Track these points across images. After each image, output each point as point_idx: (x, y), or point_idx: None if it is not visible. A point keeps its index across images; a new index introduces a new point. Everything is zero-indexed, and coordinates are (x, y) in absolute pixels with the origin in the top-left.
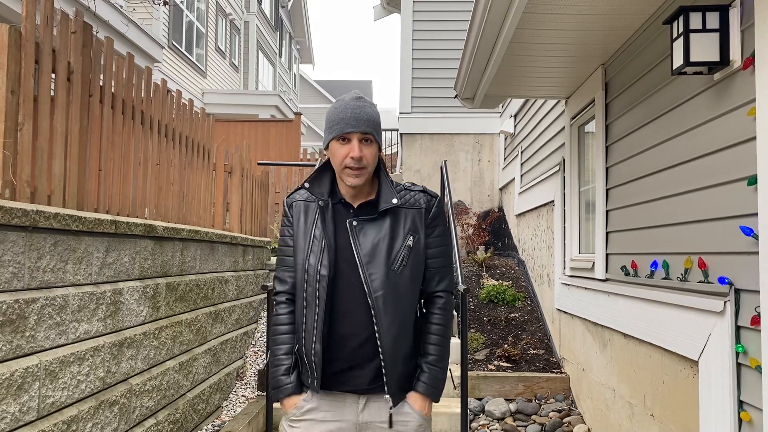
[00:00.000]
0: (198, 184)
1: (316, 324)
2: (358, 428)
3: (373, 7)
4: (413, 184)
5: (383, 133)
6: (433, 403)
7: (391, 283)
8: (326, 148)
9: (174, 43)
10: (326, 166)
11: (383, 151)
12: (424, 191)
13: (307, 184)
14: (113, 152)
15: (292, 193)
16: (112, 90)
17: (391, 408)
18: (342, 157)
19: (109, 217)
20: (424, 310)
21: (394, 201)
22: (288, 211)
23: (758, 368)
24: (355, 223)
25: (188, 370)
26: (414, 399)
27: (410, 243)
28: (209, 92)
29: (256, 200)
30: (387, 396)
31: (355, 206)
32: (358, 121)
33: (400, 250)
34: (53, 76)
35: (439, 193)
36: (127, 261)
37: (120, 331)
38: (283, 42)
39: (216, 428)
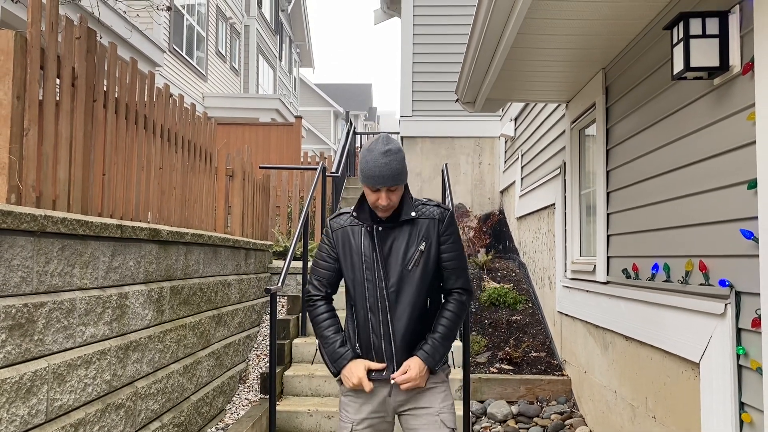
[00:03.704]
0: (200, 188)
1: (382, 325)
2: (393, 392)
3: (374, 11)
4: (429, 200)
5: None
6: None
7: (403, 280)
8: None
9: (175, 47)
10: (363, 197)
11: None
12: (438, 205)
13: (355, 213)
14: (117, 157)
15: (335, 216)
16: (116, 95)
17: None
18: (374, 200)
19: (114, 221)
20: (443, 303)
21: (412, 214)
22: (331, 233)
23: (759, 370)
24: (380, 229)
25: (192, 373)
26: (411, 360)
27: (422, 248)
28: (210, 96)
29: (258, 204)
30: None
31: (384, 219)
32: (385, 179)
33: (413, 253)
34: (58, 81)
35: (441, 199)
36: (132, 265)
37: (126, 334)
38: (283, 45)
39: (220, 431)
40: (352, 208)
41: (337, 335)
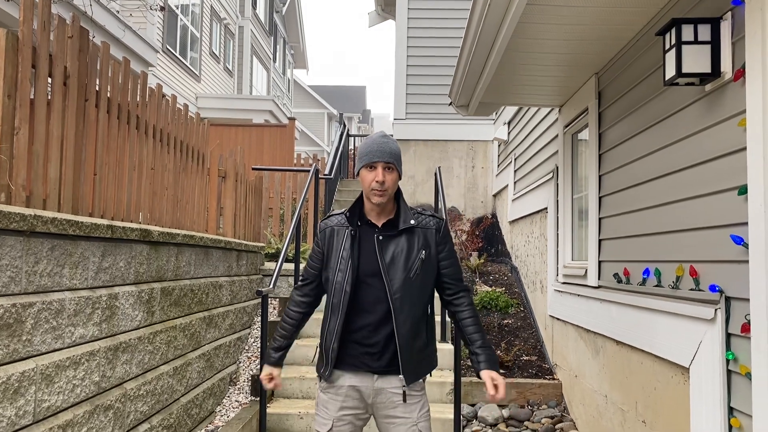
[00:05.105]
0: (192, 189)
1: (336, 328)
2: (374, 392)
3: (368, 14)
4: (423, 209)
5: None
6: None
7: (407, 287)
8: (357, 174)
9: (168, 47)
10: (358, 199)
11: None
12: (433, 215)
13: (348, 213)
14: (108, 156)
15: (326, 218)
16: (108, 94)
17: (404, 386)
18: (369, 181)
19: (105, 221)
20: (454, 311)
21: (412, 222)
22: (319, 234)
23: (748, 375)
24: (381, 237)
25: (182, 375)
26: (487, 374)
27: (422, 256)
28: (203, 96)
29: (250, 205)
30: (401, 376)
31: (380, 225)
32: (383, 153)
33: (414, 261)
34: (50, 80)
35: (433, 202)
36: (122, 265)
37: (115, 335)
38: (278, 47)
39: None
40: (346, 209)
41: (282, 340)
